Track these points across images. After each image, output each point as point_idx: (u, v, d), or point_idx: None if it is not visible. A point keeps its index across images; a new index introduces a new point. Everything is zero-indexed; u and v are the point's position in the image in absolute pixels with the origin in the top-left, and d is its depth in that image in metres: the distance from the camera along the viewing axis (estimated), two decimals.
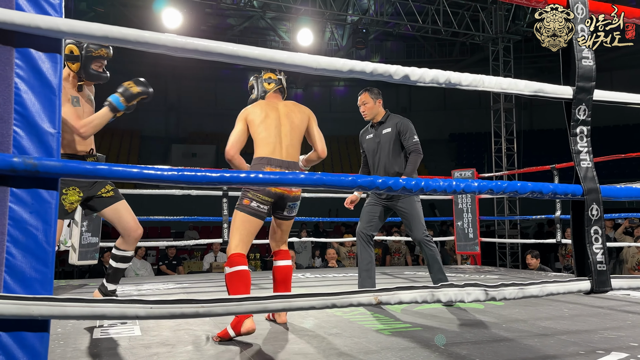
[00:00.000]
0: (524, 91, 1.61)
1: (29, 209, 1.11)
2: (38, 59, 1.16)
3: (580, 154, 1.65)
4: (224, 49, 1.26)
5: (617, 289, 1.61)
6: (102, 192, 2.76)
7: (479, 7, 11.83)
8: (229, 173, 1.23)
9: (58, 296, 1.08)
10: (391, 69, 1.42)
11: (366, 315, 3.00)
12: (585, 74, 1.65)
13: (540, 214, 7.37)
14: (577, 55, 1.66)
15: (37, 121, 1.14)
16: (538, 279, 1.57)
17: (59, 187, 1.16)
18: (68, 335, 2.54)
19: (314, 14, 11.28)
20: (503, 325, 2.68)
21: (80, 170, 1.14)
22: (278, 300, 1.21)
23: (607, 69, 18.26)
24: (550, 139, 18.01)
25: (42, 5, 1.16)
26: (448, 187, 1.43)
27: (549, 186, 1.55)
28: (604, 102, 1.73)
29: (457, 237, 6.80)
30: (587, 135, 1.66)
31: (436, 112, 21.76)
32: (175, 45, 1.21)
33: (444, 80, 1.46)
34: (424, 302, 1.37)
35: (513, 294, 1.46)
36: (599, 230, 1.60)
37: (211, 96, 20.51)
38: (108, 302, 1.09)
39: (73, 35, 1.15)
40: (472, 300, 1.42)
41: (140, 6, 14.79)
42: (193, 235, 11.61)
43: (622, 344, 2.23)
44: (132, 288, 4.52)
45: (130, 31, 1.18)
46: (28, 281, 1.11)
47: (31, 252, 1.11)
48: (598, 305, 3.26)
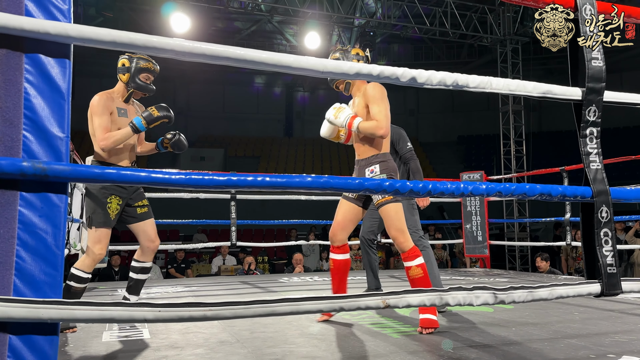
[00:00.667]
0: (532, 93, 1.60)
1: (39, 212, 1.12)
2: (47, 64, 1.17)
3: (590, 156, 1.63)
4: (231, 53, 1.26)
5: (627, 292, 1.59)
6: (139, 204, 2.92)
7: (486, 9, 11.80)
8: (236, 177, 1.23)
9: (67, 299, 1.09)
10: (398, 72, 1.41)
11: (374, 319, 2.99)
12: (595, 74, 1.64)
13: (550, 217, 7.32)
14: (587, 56, 1.65)
15: (46, 126, 1.15)
16: (547, 282, 1.56)
17: (68, 191, 1.17)
18: (77, 338, 2.55)
19: (321, 17, 11.31)
20: (513, 329, 2.66)
21: (89, 174, 1.15)
22: (286, 303, 1.21)
23: (617, 70, 18.13)
24: (560, 141, 17.90)
25: (51, 11, 1.17)
26: (456, 189, 1.43)
27: (558, 188, 1.54)
28: (614, 104, 1.72)
29: (466, 240, 6.76)
30: (597, 137, 1.65)
31: (444, 114, 21.71)
32: (183, 50, 1.22)
33: (451, 82, 1.45)
34: (432, 305, 1.36)
35: (522, 297, 1.45)
36: (609, 233, 1.59)
37: (219, 100, 20.61)
38: (116, 306, 1.09)
39: (82, 40, 1.16)
40: (481, 304, 1.42)
41: (148, 11, 14.90)
42: (201, 238, 11.64)
43: (633, 348, 2.21)
44: (141, 291, 4.53)
45: (138, 36, 1.19)
46: (38, 284, 1.11)
47: (41, 255, 1.12)
48: (609, 309, 3.23)
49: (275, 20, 15.47)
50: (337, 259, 2.85)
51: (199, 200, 5.81)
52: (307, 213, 8.24)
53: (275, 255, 10.84)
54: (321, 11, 11.12)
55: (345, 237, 2.83)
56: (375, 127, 2.57)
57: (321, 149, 19.61)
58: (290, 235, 9.74)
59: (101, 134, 2.71)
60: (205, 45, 1.24)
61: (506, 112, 11.75)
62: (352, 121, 2.62)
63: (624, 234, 7.27)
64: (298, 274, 6.58)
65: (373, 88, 2.66)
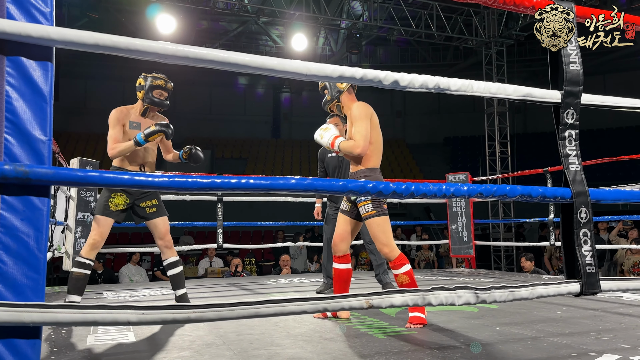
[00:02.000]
0: (512, 95, 1.62)
1: (20, 216, 1.12)
2: (29, 67, 1.16)
3: (569, 157, 1.66)
4: (214, 55, 1.27)
5: (606, 291, 1.62)
6: (147, 204, 3.26)
7: (472, 12, 11.91)
8: (220, 179, 1.24)
9: (50, 303, 1.08)
10: (381, 75, 1.43)
11: (361, 319, 3.00)
12: (573, 78, 1.67)
13: (535, 217, 7.40)
14: (565, 60, 1.68)
15: (28, 129, 1.14)
16: (528, 282, 1.58)
17: (50, 193, 1.16)
18: (62, 341, 2.53)
19: (307, 19, 11.32)
20: (497, 328, 2.69)
21: (72, 177, 1.15)
22: (270, 305, 1.22)
23: (600, 72, 18.39)
24: (544, 142, 18.10)
25: (33, 13, 1.17)
26: (438, 191, 1.45)
27: (538, 190, 1.57)
28: (593, 106, 1.75)
29: (451, 241, 6.82)
30: (576, 139, 1.68)
31: (431, 115, 21.84)
32: (165, 53, 1.22)
33: (433, 85, 1.47)
34: (415, 305, 1.38)
35: (503, 297, 1.47)
36: (588, 233, 1.62)
37: (206, 101, 20.52)
38: (99, 309, 1.09)
39: (64, 43, 1.16)
40: (463, 304, 1.44)
41: (134, 12, 14.79)
42: (188, 240, 11.56)
43: (614, 346, 2.24)
44: (127, 294, 4.50)
45: (121, 39, 1.19)
46: (19, 288, 1.11)
47: (22, 259, 1.12)
48: (591, 307, 3.28)
49: (261, 22, 15.44)
50: (339, 268, 2.98)
51: (186, 202, 5.78)
52: (294, 215, 8.24)
53: (263, 257, 10.82)
54: (307, 13, 11.13)
55: (346, 248, 2.96)
56: (352, 146, 2.73)
57: (309, 151, 19.60)
58: (278, 237, 9.73)
59: (109, 144, 3.10)
60: (188, 48, 1.24)
61: (491, 114, 11.85)
62: (334, 141, 2.81)
63: (607, 234, 7.37)
64: (285, 275, 6.58)
65: (356, 108, 2.80)
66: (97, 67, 17.99)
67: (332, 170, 4.33)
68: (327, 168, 4.37)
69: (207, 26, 17.09)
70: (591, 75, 17.39)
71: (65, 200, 5.10)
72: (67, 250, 4.87)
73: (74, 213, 4.93)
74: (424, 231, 10.36)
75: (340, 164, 4.30)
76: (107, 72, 18.16)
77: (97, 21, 14.85)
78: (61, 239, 5.21)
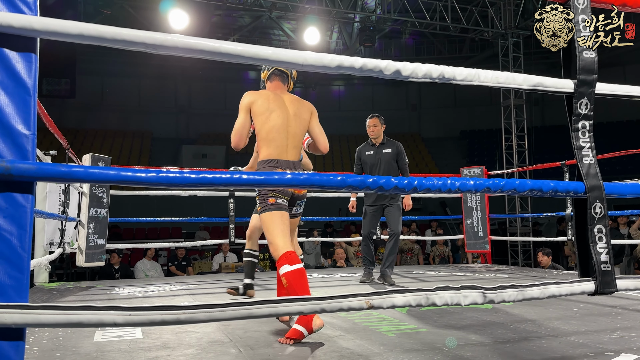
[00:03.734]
0: (522, 85, 1.55)
1: (3, 213, 1.08)
2: (12, 59, 1.12)
3: (583, 150, 1.58)
4: (204, 45, 1.20)
5: (622, 290, 1.54)
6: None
7: (487, 3, 11.70)
8: (211, 174, 1.19)
9: (33, 304, 1.04)
10: (381, 64, 1.36)
11: (371, 317, 2.94)
12: (587, 66, 1.58)
13: (553, 212, 7.23)
14: (578, 48, 1.60)
15: (10, 123, 1.10)
16: (543, 278, 1.51)
17: (34, 190, 1.12)
18: (69, 337, 2.52)
19: (320, 13, 11.24)
20: (510, 326, 2.61)
21: (56, 172, 1.11)
22: (264, 305, 1.17)
23: (620, 63, 17.98)
24: (563, 135, 17.74)
25: (16, 3, 1.12)
26: (442, 185, 1.38)
27: (550, 184, 1.49)
28: (608, 96, 1.66)
29: (466, 236, 6.71)
30: (590, 131, 1.60)
31: (447, 109, 21.59)
32: (154, 43, 1.17)
33: (437, 75, 1.40)
34: (418, 305, 1.32)
35: (512, 297, 1.40)
36: (603, 229, 1.53)
37: (221, 97, 20.57)
38: (84, 309, 1.05)
39: (48, 34, 1.12)
40: (469, 304, 1.37)
41: (147, 8, 14.85)
42: (204, 235, 11.61)
43: (632, 345, 2.16)
44: (139, 290, 4.51)
45: (106, 29, 1.14)
46: (2, 288, 1.07)
47: (5, 257, 1.08)
48: (609, 305, 3.18)
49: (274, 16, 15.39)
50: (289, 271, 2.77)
51: (202, 197, 5.76)
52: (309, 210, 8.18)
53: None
54: (320, 6, 11.04)
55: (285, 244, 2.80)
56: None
57: None
58: None
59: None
60: (177, 37, 1.19)
61: (508, 107, 11.66)
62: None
63: (628, 228, 7.19)
64: None
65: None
66: (113, 64, 18.12)
67: (369, 167, 4.50)
68: (364, 166, 4.57)
69: (219, 21, 17.10)
70: (610, 66, 17.00)
71: (78, 196, 5.12)
72: (79, 246, 4.89)
73: (87, 209, 4.94)
74: (439, 226, 10.25)
75: (377, 162, 4.46)
76: (124, 69, 18.30)
77: (111, 18, 14.95)
78: (74, 235, 5.23)
